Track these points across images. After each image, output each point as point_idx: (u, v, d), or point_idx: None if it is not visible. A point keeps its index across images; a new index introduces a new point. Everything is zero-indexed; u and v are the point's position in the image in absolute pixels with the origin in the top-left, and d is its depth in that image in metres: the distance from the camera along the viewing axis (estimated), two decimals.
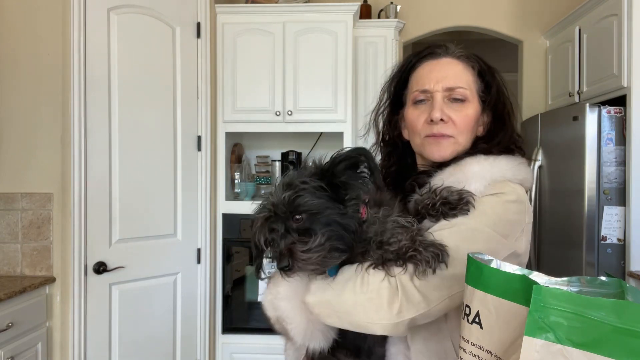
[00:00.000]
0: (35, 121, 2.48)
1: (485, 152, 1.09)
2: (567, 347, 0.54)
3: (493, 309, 0.67)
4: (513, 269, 0.68)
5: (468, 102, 1.10)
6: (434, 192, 0.99)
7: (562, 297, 0.55)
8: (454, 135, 1.09)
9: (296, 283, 0.99)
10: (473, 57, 1.15)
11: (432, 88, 1.10)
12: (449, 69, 1.11)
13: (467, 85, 1.11)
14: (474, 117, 1.11)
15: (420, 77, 1.13)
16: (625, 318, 0.52)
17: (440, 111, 1.08)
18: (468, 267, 0.72)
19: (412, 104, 1.14)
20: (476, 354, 0.71)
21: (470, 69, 1.13)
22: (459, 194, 0.98)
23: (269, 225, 0.92)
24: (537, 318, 0.55)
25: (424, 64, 1.14)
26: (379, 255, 0.92)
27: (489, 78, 1.13)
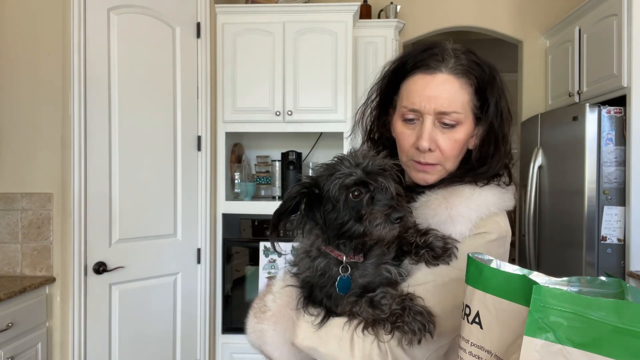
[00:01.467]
0: (35, 121, 2.48)
1: (470, 182, 1.05)
2: (567, 347, 0.54)
3: (493, 309, 0.67)
4: (513, 269, 0.69)
5: (460, 125, 1.03)
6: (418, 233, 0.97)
7: (562, 297, 0.55)
8: (440, 162, 1.05)
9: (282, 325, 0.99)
10: (474, 67, 1.04)
11: (423, 109, 1.02)
12: (443, 89, 1.01)
13: (462, 108, 1.02)
14: (464, 140, 1.05)
15: (412, 92, 1.04)
16: (626, 318, 0.51)
17: (429, 140, 1.02)
18: (468, 267, 0.72)
19: (402, 118, 1.07)
20: (476, 354, 0.71)
21: (467, 87, 1.03)
22: (444, 242, 0.95)
23: (366, 183, 0.90)
24: (537, 318, 0.55)
25: (417, 77, 1.04)
26: (369, 314, 0.92)
27: (488, 94, 1.04)
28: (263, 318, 1.02)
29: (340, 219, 0.91)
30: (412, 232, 0.97)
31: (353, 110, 3.26)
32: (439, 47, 1.05)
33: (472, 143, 1.09)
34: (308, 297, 1.01)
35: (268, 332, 1.00)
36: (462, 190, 1.03)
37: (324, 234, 0.96)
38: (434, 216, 1.00)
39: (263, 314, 1.03)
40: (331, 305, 0.98)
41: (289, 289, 1.04)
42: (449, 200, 1.01)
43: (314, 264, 0.99)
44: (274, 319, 1.01)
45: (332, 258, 0.97)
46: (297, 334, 0.98)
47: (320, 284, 0.99)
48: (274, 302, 1.03)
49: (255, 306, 1.06)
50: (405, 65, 1.07)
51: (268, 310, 1.02)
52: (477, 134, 1.07)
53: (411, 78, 1.05)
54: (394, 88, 1.10)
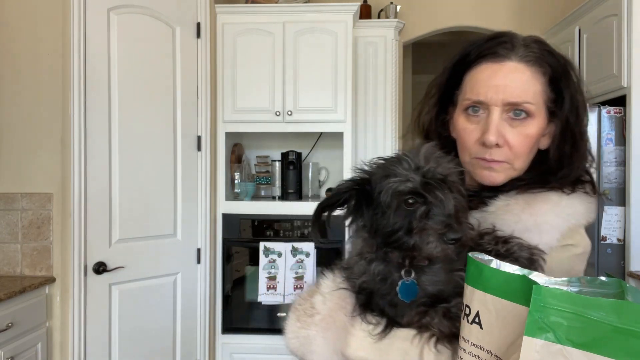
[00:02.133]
0: (35, 121, 2.48)
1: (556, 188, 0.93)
2: (567, 347, 0.54)
3: (493, 309, 0.67)
4: (513, 269, 0.68)
5: (532, 119, 0.91)
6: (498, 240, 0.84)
7: (562, 297, 0.54)
8: (508, 160, 0.93)
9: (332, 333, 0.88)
10: (547, 56, 0.93)
11: (489, 100, 0.91)
12: (513, 78, 0.90)
13: (534, 98, 0.91)
14: (536, 136, 0.93)
15: (477, 83, 0.93)
16: (626, 318, 0.51)
17: (496, 134, 0.90)
18: (468, 267, 0.72)
19: (464, 112, 0.96)
20: (476, 354, 0.71)
21: (540, 76, 0.92)
22: (530, 253, 0.83)
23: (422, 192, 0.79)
24: (537, 318, 0.55)
25: (483, 66, 0.93)
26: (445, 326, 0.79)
27: (562, 85, 0.93)
28: (310, 322, 0.91)
29: (390, 227, 0.81)
30: (490, 239, 0.85)
31: (353, 110, 3.26)
32: (508, 35, 0.95)
33: (543, 142, 0.97)
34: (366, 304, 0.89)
35: (316, 340, 0.89)
36: (549, 197, 0.92)
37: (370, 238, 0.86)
38: (517, 222, 0.89)
39: (310, 318, 0.91)
40: (395, 314, 0.86)
41: (342, 292, 0.92)
42: (533, 206, 0.90)
43: (371, 268, 0.87)
44: (323, 324, 0.90)
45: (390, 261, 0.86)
46: (350, 344, 0.87)
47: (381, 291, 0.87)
48: (324, 304, 0.92)
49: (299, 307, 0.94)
50: (468, 56, 0.97)
51: (317, 314, 0.91)
52: (549, 132, 0.96)
53: (476, 68, 0.94)
54: (456, 82, 0.99)
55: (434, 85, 1.04)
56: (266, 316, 3.25)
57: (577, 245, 0.91)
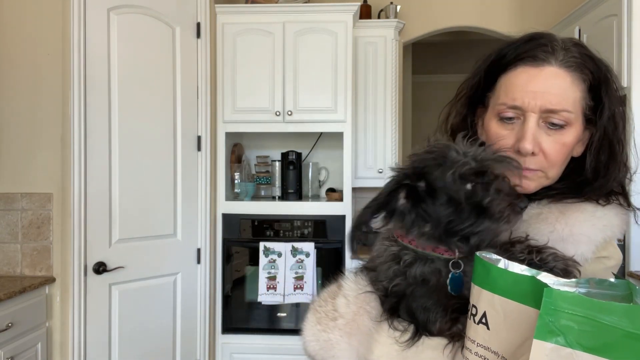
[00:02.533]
0: (35, 121, 2.47)
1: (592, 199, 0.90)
2: (578, 351, 0.54)
3: (500, 309, 0.67)
4: (521, 269, 0.68)
5: (569, 127, 0.87)
6: (531, 249, 0.80)
7: (574, 301, 0.54)
8: (543, 169, 0.89)
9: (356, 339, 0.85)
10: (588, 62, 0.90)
11: (526, 105, 0.86)
12: (553, 84, 0.86)
13: (573, 106, 0.87)
14: (572, 144, 0.89)
15: (513, 87, 0.89)
16: (638, 323, 0.51)
17: (532, 142, 0.86)
18: (475, 267, 0.72)
19: (497, 118, 0.91)
20: (482, 355, 0.70)
21: (580, 83, 0.88)
22: (565, 264, 0.79)
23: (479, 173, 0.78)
24: (547, 321, 0.55)
25: (520, 69, 0.89)
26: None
27: (602, 93, 0.89)
28: (333, 326, 0.86)
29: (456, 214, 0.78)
30: (523, 248, 0.80)
31: (353, 110, 3.26)
32: (547, 37, 0.90)
33: (577, 150, 0.93)
34: (393, 309, 0.84)
35: (339, 345, 0.85)
36: (584, 207, 0.89)
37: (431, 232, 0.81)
38: (552, 232, 0.86)
39: (333, 321, 0.87)
40: (427, 319, 0.81)
41: (367, 295, 0.88)
42: (568, 216, 0.87)
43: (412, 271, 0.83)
44: (348, 329, 0.85)
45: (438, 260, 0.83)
46: (374, 351, 0.83)
47: (415, 294, 0.82)
48: (348, 307, 0.88)
49: (319, 309, 0.90)
50: (504, 58, 0.92)
51: (340, 317, 0.87)
52: (584, 139, 0.92)
53: (512, 71, 0.90)
54: (489, 84, 0.95)
55: (465, 87, 0.99)
56: (266, 316, 3.25)
57: (611, 258, 0.88)
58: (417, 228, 0.82)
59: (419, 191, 0.81)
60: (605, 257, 0.87)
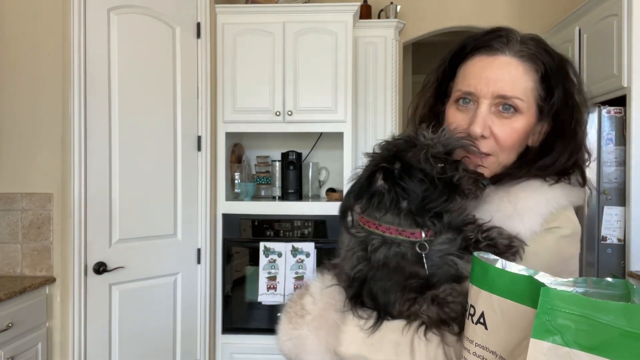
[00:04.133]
0: (35, 121, 2.48)
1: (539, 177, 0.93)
2: (575, 350, 0.54)
3: (498, 309, 0.67)
4: (518, 268, 0.68)
5: (520, 114, 0.92)
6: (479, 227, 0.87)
7: (570, 300, 0.54)
8: (493, 153, 0.93)
9: (324, 332, 0.89)
10: (542, 53, 0.93)
11: (479, 91, 0.92)
12: (505, 72, 0.91)
13: (524, 94, 0.91)
14: (523, 131, 0.93)
15: (469, 74, 0.94)
16: (635, 322, 0.51)
17: (482, 125, 0.91)
18: (473, 267, 0.72)
19: (455, 103, 0.97)
20: (480, 355, 0.71)
21: (533, 73, 0.92)
22: (509, 240, 0.85)
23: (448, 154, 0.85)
24: (544, 320, 0.55)
25: (477, 58, 0.94)
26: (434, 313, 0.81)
27: (554, 83, 0.93)
28: (302, 323, 0.92)
29: (432, 190, 0.84)
30: (473, 228, 0.87)
31: (353, 110, 3.26)
32: (505, 30, 0.95)
33: (533, 140, 0.97)
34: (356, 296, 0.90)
35: (308, 339, 0.90)
36: (529, 184, 0.92)
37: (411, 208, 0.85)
38: (498, 211, 0.90)
39: (301, 319, 0.93)
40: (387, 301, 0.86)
41: (332, 289, 0.93)
42: (512, 194, 0.91)
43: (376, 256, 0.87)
44: (315, 324, 0.91)
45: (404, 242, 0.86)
46: (342, 341, 0.87)
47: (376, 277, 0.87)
48: (314, 304, 0.93)
49: (290, 310, 0.96)
50: (465, 48, 0.97)
51: (307, 314, 0.93)
52: (540, 130, 0.97)
53: (470, 60, 0.95)
54: (452, 74, 1.00)
55: (431, 78, 1.04)
56: (266, 316, 3.24)
57: (563, 227, 0.90)
58: (395, 206, 0.86)
59: (395, 172, 0.86)
60: (557, 227, 0.89)
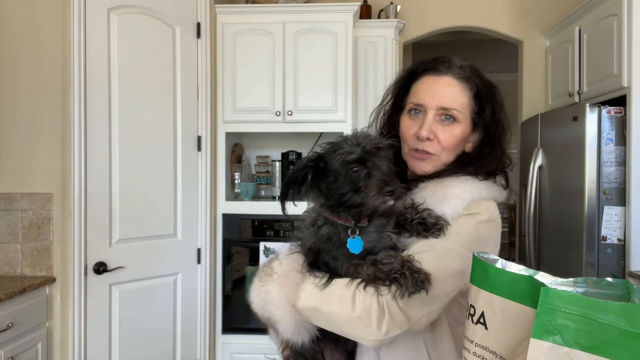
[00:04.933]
0: (35, 121, 2.48)
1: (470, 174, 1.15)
2: (575, 350, 0.54)
3: (498, 309, 0.67)
4: (518, 269, 0.68)
5: (458, 123, 1.16)
6: (415, 209, 1.09)
7: (570, 300, 0.54)
8: (436, 153, 1.16)
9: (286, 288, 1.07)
10: (475, 77, 1.18)
11: (426, 104, 1.16)
12: (446, 89, 1.16)
13: (461, 107, 1.16)
14: (460, 137, 1.17)
15: (419, 90, 1.19)
16: (635, 322, 0.51)
17: (428, 130, 1.15)
18: (473, 267, 0.72)
19: (407, 112, 1.21)
20: (480, 355, 0.71)
21: (467, 91, 1.17)
22: (436, 219, 1.07)
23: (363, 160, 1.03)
24: (544, 320, 0.55)
25: (426, 78, 1.20)
26: (371, 272, 1.01)
27: (485, 100, 1.18)
28: (269, 281, 1.09)
29: (341, 190, 1.04)
30: (410, 210, 1.09)
31: (353, 110, 3.26)
32: (448, 58, 1.20)
33: (468, 147, 1.21)
34: (313, 262, 1.10)
35: (273, 293, 1.07)
36: (459, 178, 1.15)
37: (326, 203, 1.08)
38: (431, 196, 1.12)
39: (269, 277, 1.10)
40: (336, 266, 1.08)
41: (295, 255, 1.12)
42: (444, 184, 1.13)
43: (320, 232, 1.09)
44: (279, 281, 1.08)
45: (340, 225, 1.08)
46: (300, 296, 1.06)
47: (326, 249, 1.09)
48: (281, 266, 1.11)
49: (261, 272, 1.13)
50: (416, 70, 1.22)
51: (274, 274, 1.10)
52: (474, 140, 1.21)
53: (420, 79, 1.20)
54: (406, 91, 1.24)
55: (389, 93, 1.29)
56: None
57: (482, 214, 1.10)
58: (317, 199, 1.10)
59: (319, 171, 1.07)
60: (476, 213, 1.10)
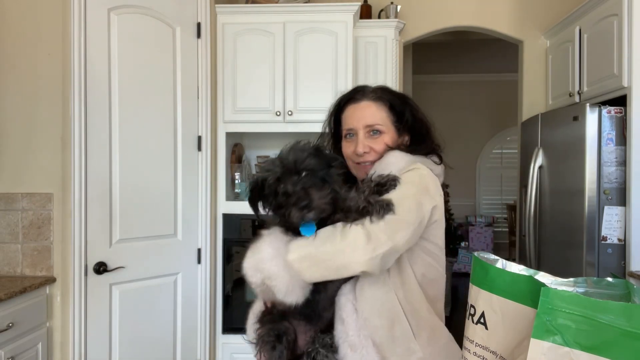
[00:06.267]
0: (36, 121, 2.48)
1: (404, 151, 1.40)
2: (575, 350, 0.54)
3: (498, 309, 0.67)
4: (518, 269, 0.68)
5: (384, 133, 1.42)
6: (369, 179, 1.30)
7: (571, 300, 0.54)
8: (374, 160, 1.41)
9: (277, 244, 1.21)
10: (385, 95, 1.45)
11: (355, 127, 1.43)
12: (366, 111, 1.43)
13: (382, 121, 1.42)
14: (389, 143, 1.41)
15: (347, 118, 1.47)
16: (635, 321, 0.51)
17: (362, 146, 1.41)
18: (473, 268, 0.72)
19: (344, 138, 1.48)
20: (480, 355, 0.71)
21: (383, 107, 1.43)
22: (387, 177, 1.28)
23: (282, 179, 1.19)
24: (544, 320, 0.55)
25: (348, 107, 1.47)
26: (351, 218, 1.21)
27: (400, 109, 1.44)
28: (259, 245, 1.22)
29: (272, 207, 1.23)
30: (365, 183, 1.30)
31: None
32: (361, 87, 1.49)
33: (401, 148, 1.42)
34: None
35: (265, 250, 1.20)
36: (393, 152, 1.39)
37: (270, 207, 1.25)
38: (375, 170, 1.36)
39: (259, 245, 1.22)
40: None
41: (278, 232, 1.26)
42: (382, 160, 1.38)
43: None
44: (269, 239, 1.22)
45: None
46: (291, 249, 1.20)
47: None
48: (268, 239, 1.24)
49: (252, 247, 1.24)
50: (340, 103, 1.50)
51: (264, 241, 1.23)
52: (404, 141, 1.45)
53: (345, 109, 1.49)
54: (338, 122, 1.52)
55: (326, 125, 1.57)
56: None
57: (421, 169, 1.34)
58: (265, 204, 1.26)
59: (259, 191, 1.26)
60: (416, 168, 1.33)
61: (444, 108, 8.08)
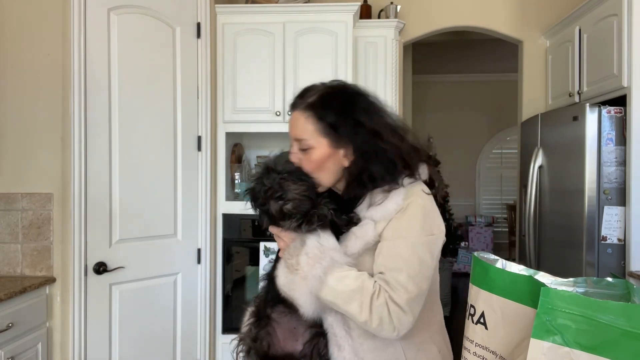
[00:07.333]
0: (35, 121, 2.48)
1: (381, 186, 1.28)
2: (575, 350, 0.54)
3: (498, 309, 0.67)
4: (518, 269, 0.68)
5: (313, 149, 1.28)
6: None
7: (571, 300, 0.54)
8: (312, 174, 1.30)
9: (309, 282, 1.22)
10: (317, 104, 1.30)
11: (290, 137, 1.35)
12: (295, 123, 1.32)
13: (310, 135, 1.28)
14: (320, 159, 1.29)
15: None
16: (635, 321, 0.51)
17: (294, 158, 1.32)
18: (473, 268, 0.72)
19: None
20: (481, 355, 0.71)
21: (312, 119, 1.29)
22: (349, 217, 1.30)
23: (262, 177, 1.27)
24: (544, 320, 0.55)
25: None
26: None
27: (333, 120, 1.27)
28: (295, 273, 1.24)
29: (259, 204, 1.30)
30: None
31: None
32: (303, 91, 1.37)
33: (345, 162, 1.30)
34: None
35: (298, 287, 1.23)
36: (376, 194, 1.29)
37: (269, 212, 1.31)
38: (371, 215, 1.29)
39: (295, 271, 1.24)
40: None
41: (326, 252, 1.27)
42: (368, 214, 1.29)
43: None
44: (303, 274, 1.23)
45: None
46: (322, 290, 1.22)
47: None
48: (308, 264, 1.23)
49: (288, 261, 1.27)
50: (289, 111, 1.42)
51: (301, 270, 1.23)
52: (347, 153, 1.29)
53: None
54: None
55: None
56: None
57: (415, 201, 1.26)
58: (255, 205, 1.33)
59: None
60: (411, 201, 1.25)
61: (443, 108, 8.09)
